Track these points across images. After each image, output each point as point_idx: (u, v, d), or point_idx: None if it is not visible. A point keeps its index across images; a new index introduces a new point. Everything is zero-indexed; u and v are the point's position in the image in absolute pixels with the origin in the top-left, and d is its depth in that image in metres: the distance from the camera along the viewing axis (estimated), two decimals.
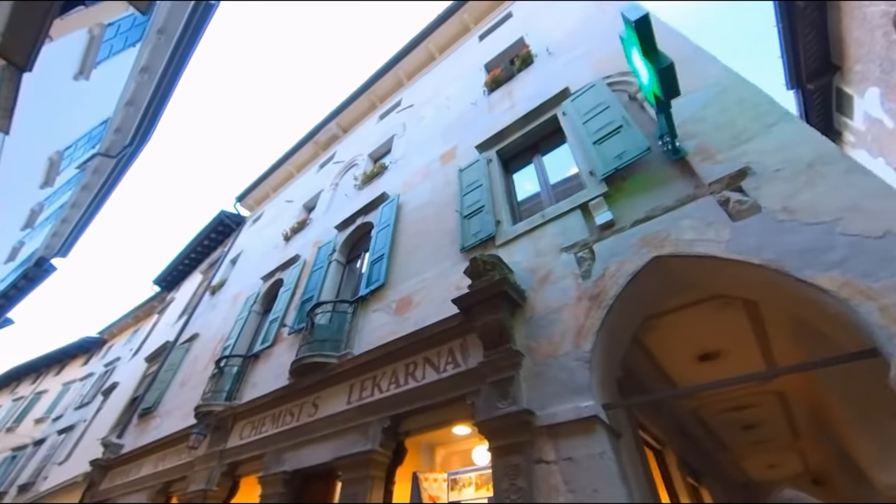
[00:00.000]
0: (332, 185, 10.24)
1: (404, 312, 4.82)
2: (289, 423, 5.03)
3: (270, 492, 4.47)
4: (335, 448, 4.20)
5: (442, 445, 4.74)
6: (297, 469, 4.48)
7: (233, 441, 5.70)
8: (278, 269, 8.82)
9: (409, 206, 6.50)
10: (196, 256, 16.21)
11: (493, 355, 3.37)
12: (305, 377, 5.14)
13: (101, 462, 8.40)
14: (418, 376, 4.00)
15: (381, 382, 4.32)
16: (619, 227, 3.51)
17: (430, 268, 5.03)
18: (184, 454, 6.52)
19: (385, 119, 10.65)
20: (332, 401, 4.70)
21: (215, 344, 8.77)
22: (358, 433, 4.07)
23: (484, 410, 3.21)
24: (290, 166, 13.87)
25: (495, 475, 2.83)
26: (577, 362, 2.99)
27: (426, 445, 4.64)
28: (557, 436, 2.77)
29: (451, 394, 3.62)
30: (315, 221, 9.41)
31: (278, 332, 6.87)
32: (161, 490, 6.45)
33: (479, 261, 3.75)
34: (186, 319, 11.55)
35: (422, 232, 5.73)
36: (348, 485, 3.76)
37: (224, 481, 5.42)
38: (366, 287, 5.63)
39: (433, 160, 6.95)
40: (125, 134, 10.83)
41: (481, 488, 3.72)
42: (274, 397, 5.48)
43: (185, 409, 7.67)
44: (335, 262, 7.21)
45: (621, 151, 3.86)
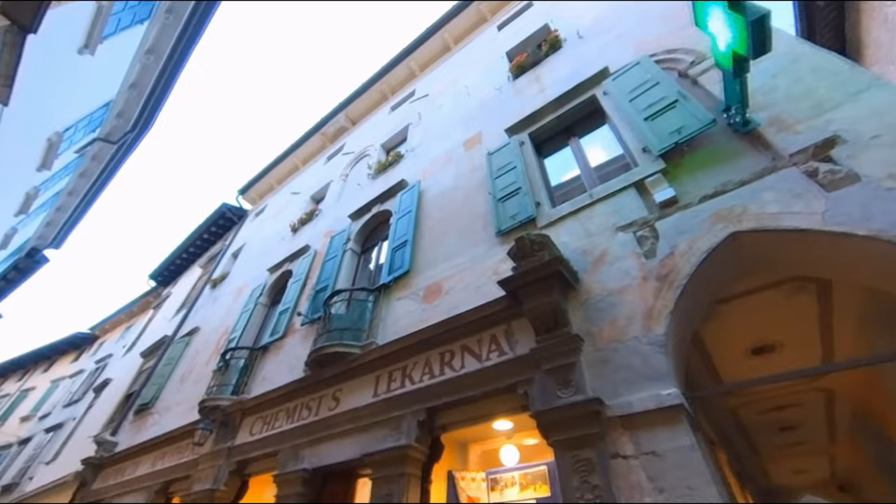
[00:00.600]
0: (342, 175, 9.92)
1: (434, 300, 4.50)
2: (306, 417, 4.67)
3: (288, 492, 4.10)
4: (362, 444, 3.84)
5: (476, 443, 4.40)
6: (317, 467, 4.11)
7: (242, 438, 5.32)
8: (286, 260, 8.45)
9: (431, 193, 6.19)
10: (195, 251, 15.77)
11: (548, 340, 3.06)
12: (324, 368, 4.78)
13: (93, 460, 7.92)
14: (456, 366, 3.67)
15: (412, 373, 3.98)
16: (683, 203, 3.23)
17: (460, 253, 4.72)
18: (186, 452, 6.11)
19: (398, 109, 10.37)
20: (356, 393, 4.35)
21: (218, 337, 8.37)
22: (389, 427, 3.73)
23: (541, 400, 2.89)
24: (296, 159, 13.52)
25: (562, 472, 2.50)
26: (650, 347, 2.69)
27: (459, 443, 4.30)
28: (634, 427, 2.46)
29: (497, 384, 3.29)
30: (325, 212, 9.07)
31: (290, 322, 6.50)
32: (160, 490, 6.02)
33: (526, 240, 3.44)
34: (186, 313, 11.10)
35: (448, 217, 5.43)
36: (380, 483, 3.40)
37: (232, 480, 5.02)
38: (388, 275, 5.30)
39: (456, 146, 6.66)
40: (127, 119, 10.44)
41: (527, 488, 3.39)
42: (288, 390, 5.11)
43: (185, 404, 7.26)
44: (350, 251, 6.87)
45: (679, 126, 3.60)
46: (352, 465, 4.05)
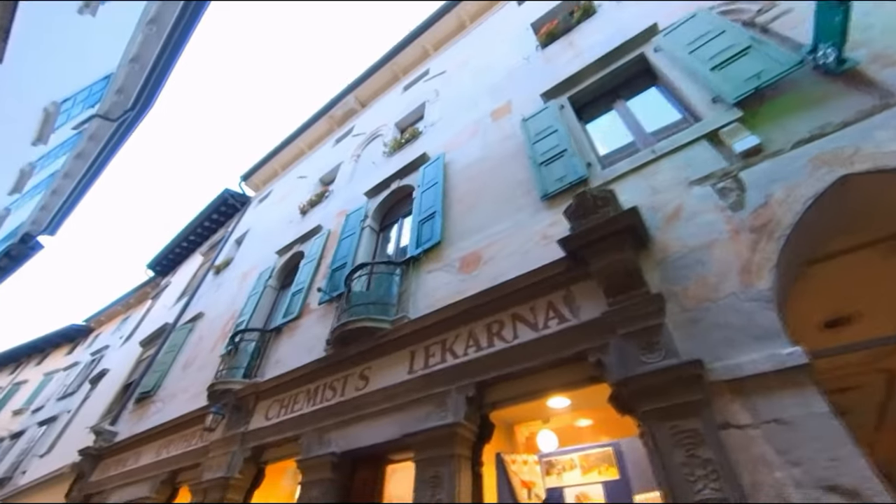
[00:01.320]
0: (354, 156, 9.51)
1: (472, 269, 4.12)
2: (330, 399, 4.28)
3: (314, 478, 3.71)
4: (400, 424, 3.46)
5: (523, 424, 4.03)
6: (346, 451, 3.73)
7: (256, 423, 4.92)
8: (296, 242, 8.05)
9: (457, 165, 5.82)
10: (195, 239, 15.29)
11: (624, 302, 2.70)
12: (350, 346, 4.39)
13: (91, 451, 7.49)
14: (507, 336, 3.30)
15: (454, 347, 3.61)
16: (772, 150, 2.88)
17: (499, 221, 4.35)
18: (194, 439, 5.71)
19: (411, 89, 9.96)
20: (388, 371, 3.97)
21: (224, 322, 7.95)
22: (431, 405, 3.35)
23: (620, 368, 2.52)
24: (302, 143, 13.08)
25: (661, 446, 2.14)
26: (753, 303, 2.33)
27: (505, 423, 3.91)
28: (746, 393, 2.10)
29: (558, 353, 2.93)
30: (336, 192, 8.66)
31: (305, 303, 6.11)
32: (167, 480, 5.61)
33: (588, 196, 3.09)
34: (187, 300, 10.66)
35: (479, 188, 5.06)
36: (425, 465, 3.03)
37: (247, 468, 4.63)
38: (416, 247, 4.92)
39: (482, 117, 6.29)
40: (127, 96, 9.96)
41: (590, 471, 3.03)
42: (308, 371, 4.72)
43: (191, 391, 6.85)
44: (368, 228, 6.48)
45: (758, 71, 3.24)
46: (382, 449, 3.68)
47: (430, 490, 2.88)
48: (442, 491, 2.83)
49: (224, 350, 6.90)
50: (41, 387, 17.78)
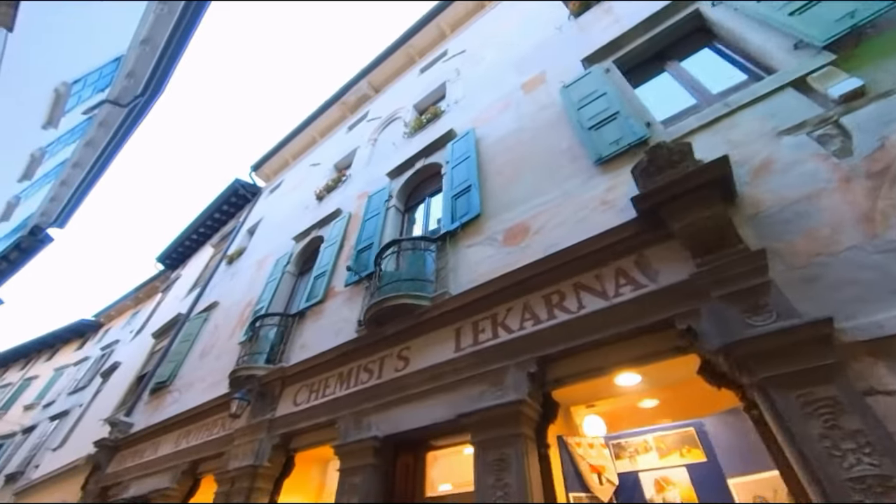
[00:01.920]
0: (370, 140, 9.21)
1: (519, 241, 3.82)
2: (366, 381, 4.00)
3: (355, 464, 3.43)
4: (450, 404, 3.18)
5: (581, 405, 3.72)
6: (389, 435, 3.45)
7: (284, 409, 4.65)
8: (315, 227, 7.78)
9: (490, 139, 5.51)
10: (204, 231, 15.08)
11: (717, 262, 2.38)
12: (385, 325, 4.11)
13: (107, 442, 7.27)
14: (570, 307, 3.00)
15: (506, 321, 3.31)
16: (878, 92, 2.55)
17: (546, 191, 4.04)
18: (216, 428, 5.46)
19: (429, 71, 9.64)
20: (431, 349, 3.68)
21: (241, 309, 7.70)
22: (486, 383, 3.06)
23: (719, 334, 2.22)
24: (313, 132, 12.80)
25: (787, 417, 1.83)
26: (884, 255, 2.01)
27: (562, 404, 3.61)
28: (893, 354, 1.79)
29: (636, 322, 2.63)
30: (354, 176, 8.38)
31: (329, 286, 5.83)
32: (188, 470, 5.36)
33: (664, 148, 2.77)
34: (201, 291, 10.43)
35: (517, 159, 4.75)
36: (487, 447, 2.74)
37: (276, 456, 4.36)
38: (452, 222, 4.62)
39: (512, 91, 5.98)
40: (137, 80, 9.71)
41: (669, 454, 2.73)
42: (339, 353, 4.44)
43: (208, 380, 6.61)
44: (393, 208, 6.19)
45: (851, 10, 2.90)
46: (427, 433, 3.39)
47: (494, 474, 2.60)
48: (509, 474, 2.54)
49: (243, 337, 6.66)
50: (52, 382, 17.71)
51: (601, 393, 3.35)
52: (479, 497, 2.57)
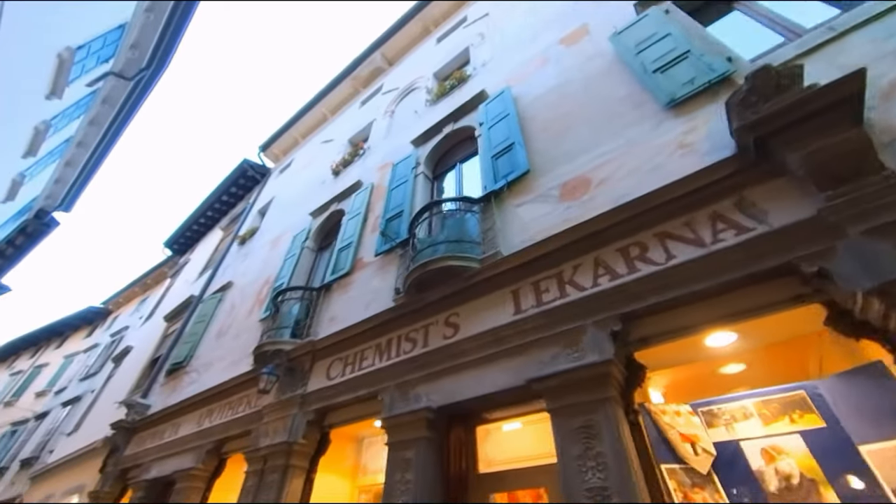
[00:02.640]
0: (387, 112, 8.78)
1: (580, 195, 3.46)
2: (410, 351, 3.69)
3: (407, 437, 3.13)
4: (515, 370, 2.85)
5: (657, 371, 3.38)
6: (442, 405, 3.13)
7: (316, 383, 4.36)
8: (333, 201, 7.42)
9: (528, 97, 5.11)
10: (212, 214, 14.75)
11: (857, 191, 2.02)
12: (429, 291, 3.78)
13: (124, 424, 7.05)
14: (656, 258, 2.65)
15: (575, 278, 2.97)
16: None
17: (605, 141, 3.66)
18: (241, 406, 5.19)
19: (448, 38, 9.16)
20: (484, 314, 3.35)
21: (259, 287, 7.40)
22: (558, 345, 2.73)
23: (868, 273, 1.86)
24: (323, 109, 12.34)
25: None
26: None
27: None
28: None
29: (746, 269, 2.27)
30: (373, 148, 7.98)
31: (356, 258, 5.49)
32: (212, 450, 5.11)
33: (771, 72, 2.39)
34: (213, 272, 10.14)
35: (566, 113, 4.36)
36: (568, 414, 2.42)
37: (311, 432, 4.07)
38: (496, 181, 4.26)
39: (549, 47, 5.55)
40: (142, 52, 9.28)
41: (776, 420, 2.40)
42: (376, 324, 4.13)
43: (228, 358, 6.34)
44: (422, 175, 5.82)
45: None
46: (483, 403, 3.08)
47: (581, 443, 2.28)
48: (600, 442, 2.22)
49: (263, 314, 6.37)
50: (62, 369, 17.61)
51: (683, 357, 3.01)
52: (566, 468, 2.26)
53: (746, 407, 2.53)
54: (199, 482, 5.01)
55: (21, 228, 13.13)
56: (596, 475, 2.14)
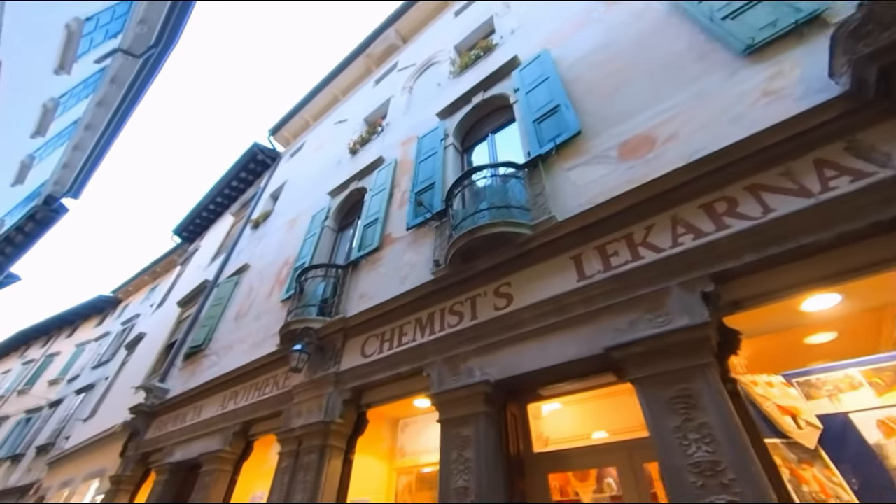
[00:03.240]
0: (405, 88, 8.45)
1: (644, 153, 3.17)
2: (456, 324, 3.44)
3: (461, 413, 2.90)
4: (588, 338, 2.61)
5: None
6: (500, 379, 2.90)
7: (350, 361, 4.14)
8: (353, 179, 7.15)
9: (568, 59, 4.80)
10: (222, 201, 14.56)
11: None
12: (475, 261, 3.53)
13: (144, 408, 6.91)
14: (750, 212, 2.37)
15: (649, 239, 2.70)
16: None
17: (669, 96, 3.37)
18: (267, 387, 5.00)
19: (468, 10, 8.76)
20: (542, 282, 3.09)
21: (278, 268, 7.19)
22: (639, 309, 2.47)
23: None
24: (335, 90, 12.00)
25: None
26: None
27: None
28: None
29: (870, 217, 2.00)
30: (393, 125, 7.67)
31: (384, 233, 5.24)
32: (240, 431, 4.93)
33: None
34: (227, 256, 9.93)
35: (617, 73, 4.05)
36: (659, 383, 2.17)
37: (348, 412, 3.86)
38: (542, 146, 3.98)
39: (589, 7, 5.20)
40: (151, 28, 8.96)
41: (890, 390, 2.15)
42: (415, 297, 3.89)
43: (249, 340, 6.15)
44: (452, 146, 5.53)
45: None
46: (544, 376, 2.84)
47: (678, 414, 2.03)
48: (703, 412, 1.97)
49: (285, 295, 6.16)
50: (74, 357, 17.61)
51: (770, 324, 2.76)
52: (664, 442, 2.02)
53: (853, 376, 2.28)
54: (227, 464, 4.84)
55: (30, 215, 12.96)
56: (702, 448, 1.89)
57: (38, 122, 7.94)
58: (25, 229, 13.64)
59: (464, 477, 2.62)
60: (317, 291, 5.31)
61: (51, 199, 12.98)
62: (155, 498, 5.30)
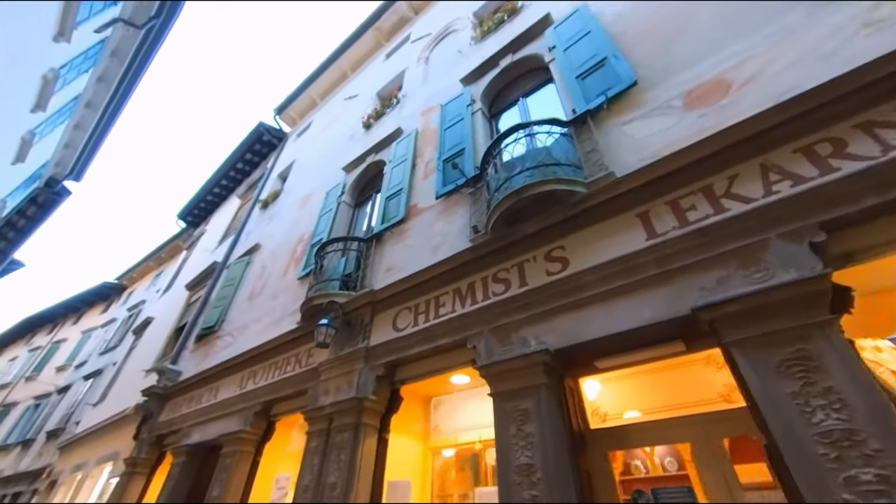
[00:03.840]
0: (421, 59, 8.05)
1: (715, 100, 2.85)
2: (503, 292, 3.17)
3: (519, 385, 2.64)
4: (666, 300, 2.33)
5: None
6: (560, 348, 2.63)
7: (381, 336, 3.88)
8: (369, 153, 6.82)
9: (608, 13, 4.44)
10: (227, 184, 14.25)
11: None
12: (523, 224, 3.23)
13: (157, 390, 6.71)
14: (864, 151, 2.07)
15: (734, 190, 2.40)
16: None
17: (740, 39, 3.03)
18: (289, 366, 4.76)
19: None
20: (602, 243, 2.80)
21: (292, 247, 6.91)
22: (729, 265, 2.19)
23: None
24: (343, 66, 11.56)
25: None
26: None
27: None
28: None
29: None
30: (410, 96, 7.30)
31: (410, 203, 4.94)
32: (261, 412, 4.71)
33: None
34: (235, 237, 9.66)
35: (669, 21, 3.70)
36: (762, 344, 1.90)
37: (381, 388, 3.62)
38: (590, 101, 3.64)
39: None
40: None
41: None
42: (452, 266, 3.61)
43: (266, 319, 5.91)
44: (480, 112, 5.19)
45: None
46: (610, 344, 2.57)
47: (795, 378, 1.76)
48: (826, 375, 1.71)
49: (302, 272, 5.89)
50: (80, 344, 17.50)
51: (875, 282, 2.47)
52: (780, 409, 1.75)
53: None
54: (249, 445, 4.63)
55: (32, 197, 12.65)
56: (831, 416, 1.62)
57: (37, 95, 7.58)
58: (27, 213, 13.34)
59: (526, 453, 2.37)
60: (338, 266, 5.04)
61: (52, 182, 12.65)
62: (174, 480, 5.11)
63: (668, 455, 4.86)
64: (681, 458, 4.79)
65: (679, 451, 4.80)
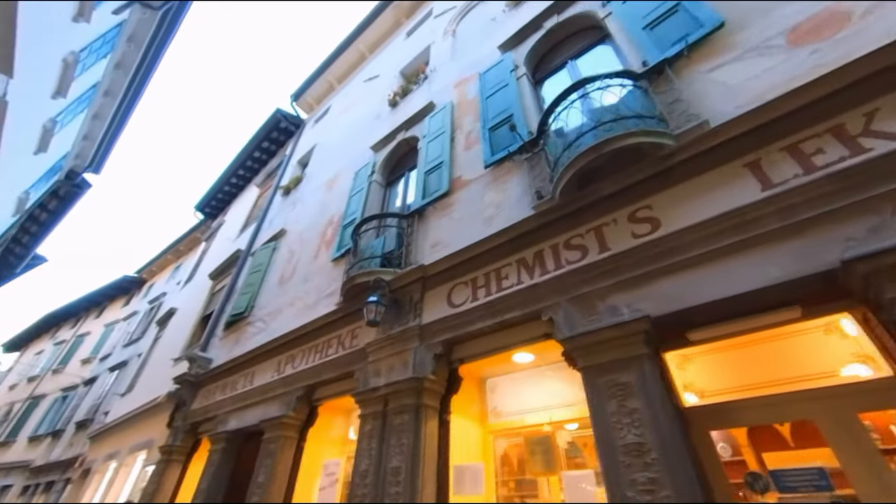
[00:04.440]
0: (447, 32, 7.69)
1: (829, 34, 2.50)
2: (579, 259, 2.87)
3: (616, 357, 2.36)
4: (794, 255, 2.01)
5: None
6: (662, 315, 2.34)
7: (435, 313, 3.62)
8: (400, 130, 6.53)
9: None
10: (244, 174, 14.08)
11: None
12: (599, 183, 2.93)
13: (189, 378, 6.59)
14: None
15: (874, 127, 2.07)
16: None
17: None
18: (330, 349, 4.55)
19: None
20: (699, 200, 2.49)
21: (322, 230, 6.69)
22: (877, 213, 1.86)
23: None
24: (361, 47, 11.22)
25: None
26: None
27: None
28: None
29: None
30: (439, 70, 6.96)
31: (452, 177, 4.66)
32: (303, 396, 4.52)
33: None
34: (258, 225, 9.49)
35: None
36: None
37: (440, 368, 3.37)
38: (665, 50, 3.30)
39: None
40: None
41: None
42: (512, 236, 3.33)
43: (300, 303, 5.72)
44: (524, 77, 4.85)
45: None
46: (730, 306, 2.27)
47: None
48: None
49: (336, 253, 5.66)
50: (104, 337, 17.70)
51: None
52: None
53: None
54: (292, 431, 4.44)
55: (53, 190, 12.65)
56: None
57: (58, 79, 7.42)
58: (49, 206, 13.38)
59: (633, 431, 2.09)
60: (377, 245, 4.78)
61: (72, 174, 12.63)
62: (214, 466, 4.98)
63: (721, 440, 4.53)
64: (735, 443, 4.46)
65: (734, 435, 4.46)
